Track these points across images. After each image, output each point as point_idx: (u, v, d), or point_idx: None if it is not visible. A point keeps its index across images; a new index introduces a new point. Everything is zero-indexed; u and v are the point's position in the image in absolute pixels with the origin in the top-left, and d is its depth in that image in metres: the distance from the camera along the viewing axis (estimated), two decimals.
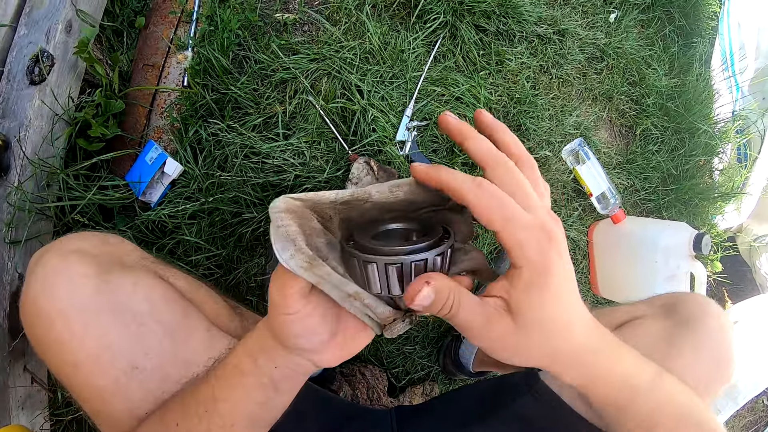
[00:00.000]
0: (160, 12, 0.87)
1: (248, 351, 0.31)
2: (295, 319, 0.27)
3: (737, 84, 1.22)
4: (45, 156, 0.69)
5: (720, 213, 1.17)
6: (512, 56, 0.83)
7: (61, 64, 0.74)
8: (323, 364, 0.31)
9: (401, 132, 0.74)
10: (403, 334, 0.81)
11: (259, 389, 0.31)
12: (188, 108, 0.79)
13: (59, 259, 0.35)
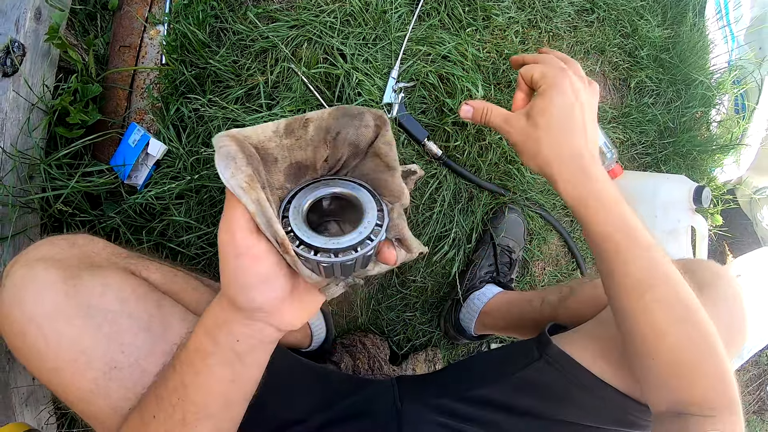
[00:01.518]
0: None
1: (207, 330, 0.31)
2: (247, 263, 0.26)
3: (732, 33, 1.18)
4: (24, 148, 0.68)
5: (719, 165, 1.15)
6: (499, 11, 0.80)
7: (33, 52, 0.71)
8: (285, 325, 0.30)
9: (388, 94, 0.72)
10: (401, 302, 0.81)
11: (226, 367, 0.30)
12: (168, 86, 0.77)
13: (26, 269, 0.36)
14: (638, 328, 0.37)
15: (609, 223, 0.36)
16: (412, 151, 0.77)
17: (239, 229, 0.25)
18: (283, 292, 0.28)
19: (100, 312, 0.36)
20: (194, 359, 0.31)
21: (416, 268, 0.80)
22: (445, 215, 0.78)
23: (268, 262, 0.26)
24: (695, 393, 0.35)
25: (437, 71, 0.75)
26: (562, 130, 0.37)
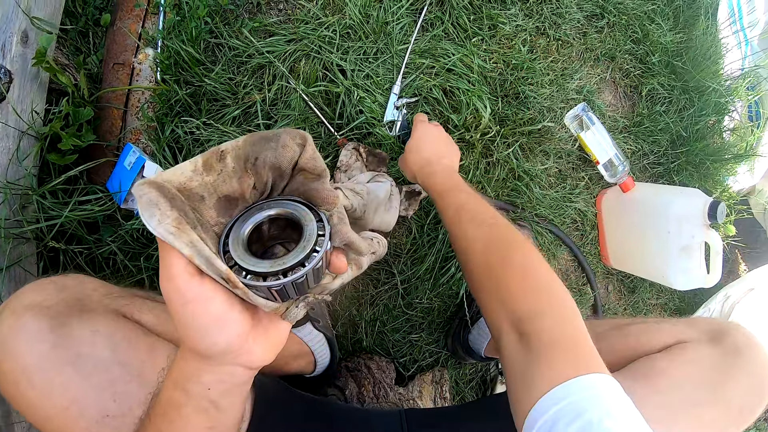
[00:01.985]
0: (125, 6, 0.81)
1: (175, 382, 0.30)
2: (197, 308, 0.25)
3: (746, 39, 1.14)
4: (15, 177, 0.65)
5: (732, 174, 1.11)
6: (506, 19, 0.77)
7: (21, 77, 0.69)
8: (255, 363, 0.29)
9: (389, 111, 0.69)
10: (407, 323, 0.78)
11: (202, 415, 0.30)
12: (162, 106, 0.75)
13: (14, 319, 0.35)
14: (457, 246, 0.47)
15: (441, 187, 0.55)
16: None
17: (179, 276, 0.24)
18: (243, 328, 0.27)
19: (90, 360, 0.36)
20: (167, 411, 0.30)
21: (423, 289, 0.77)
22: None
23: (218, 301, 0.25)
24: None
25: (441, 85, 0.72)
26: (419, 153, 0.61)
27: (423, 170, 0.59)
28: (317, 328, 0.70)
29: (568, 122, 0.84)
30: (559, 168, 0.84)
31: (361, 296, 0.77)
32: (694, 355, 0.46)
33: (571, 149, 0.85)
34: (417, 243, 0.75)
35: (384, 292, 0.77)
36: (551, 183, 0.83)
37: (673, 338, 0.48)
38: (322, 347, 0.70)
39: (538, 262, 0.40)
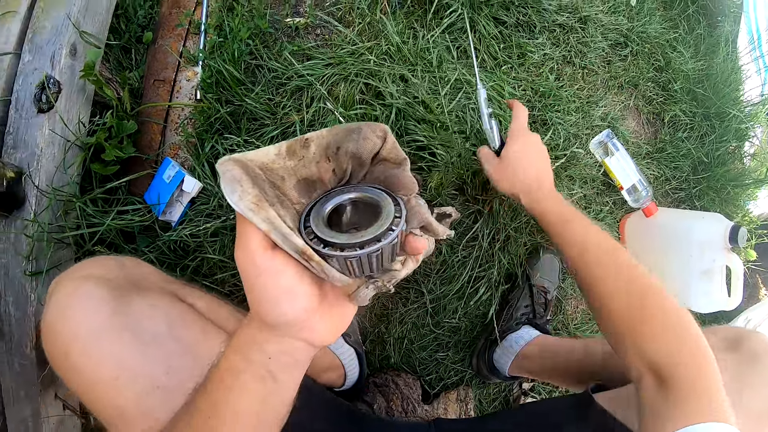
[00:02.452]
0: (167, 25, 0.85)
1: (237, 349, 0.30)
2: (269, 280, 0.26)
3: (765, 65, 1.16)
4: (60, 184, 0.68)
5: (753, 199, 1.12)
6: (534, 48, 0.79)
7: (69, 88, 0.72)
8: (317, 339, 0.29)
9: (486, 121, 0.61)
10: (434, 341, 0.79)
11: (258, 384, 0.30)
12: (203, 123, 0.77)
13: (74, 285, 0.36)
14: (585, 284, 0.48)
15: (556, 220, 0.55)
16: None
17: (254, 249, 0.25)
18: (311, 302, 0.28)
19: (148, 333, 0.36)
20: (225, 377, 0.30)
21: (451, 308, 0.78)
22: (484, 255, 0.77)
23: (289, 274, 0.26)
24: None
25: (478, 109, 0.74)
26: (526, 169, 0.58)
27: (531, 194, 0.56)
28: (348, 342, 0.71)
29: (593, 148, 0.86)
30: (584, 193, 0.86)
31: (390, 314, 0.78)
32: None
33: (596, 175, 0.87)
34: (447, 263, 0.77)
35: (413, 311, 0.78)
36: (577, 207, 0.85)
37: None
38: (352, 361, 0.71)
39: (677, 308, 0.41)
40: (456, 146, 0.71)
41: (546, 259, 0.80)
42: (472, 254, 0.76)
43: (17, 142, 0.68)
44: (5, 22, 0.74)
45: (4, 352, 0.65)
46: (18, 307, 0.65)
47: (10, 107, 0.69)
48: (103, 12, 0.78)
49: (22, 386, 0.65)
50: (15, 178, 0.65)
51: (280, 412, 0.32)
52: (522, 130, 0.59)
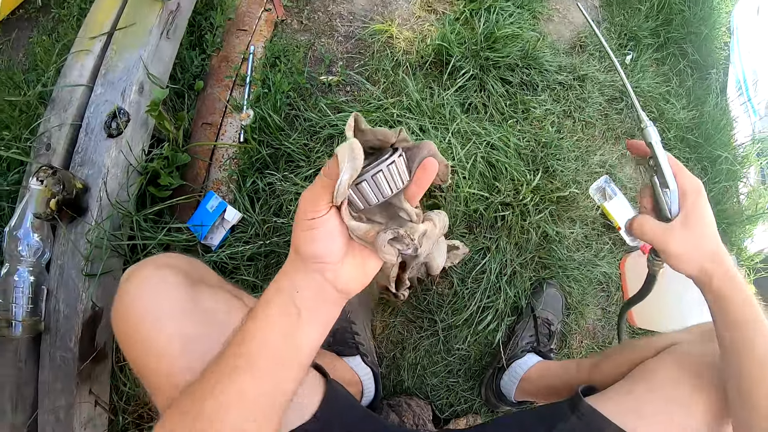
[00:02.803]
0: (216, 76, 0.98)
1: (273, 282, 0.34)
2: (319, 221, 0.30)
3: (754, 108, 1.26)
4: (120, 200, 0.78)
5: (749, 236, 1.18)
6: (537, 104, 0.90)
7: (135, 120, 0.83)
8: (341, 283, 0.33)
9: (669, 176, 0.47)
10: (445, 368, 0.85)
11: (283, 317, 0.32)
12: (246, 161, 0.88)
13: (155, 269, 0.41)
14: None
15: (746, 315, 0.42)
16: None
17: (322, 197, 0.30)
18: (341, 247, 0.32)
19: (214, 318, 0.40)
20: (257, 309, 0.33)
21: (461, 336, 0.85)
22: (491, 287, 0.84)
23: (335, 223, 0.31)
24: None
25: (486, 157, 0.84)
26: (713, 235, 0.42)
27: (723, 267, 0.42)
28: (366, 362, 0.77)
29: (592, 193, 0.94)
30: (585, 234, 0.93)
31: (405, 340, 0.85)
32: (684, 352, 0.49)
33: (595, 216, 0.95)
34: (458, 295, 0.84)
35: (426, 338, 0.85)
36: (578, 247, 0.92)
37: (667, 342, 0.52)
38: (369, 380, 0.77)
39: None
40: (463, 188, 0.80)
41: (549, 293, 0.86)
42: (480, 286, 0.83)
43: (85, 160, 0.79)
44: (80, 59, 0.87)
45: (48, 345, 0.72)
46: (68, 305, 0.73)
47: (81, 131, 0.81)
48: (166, 59, 0.92)
49: (60, 379, 0.71)
50: (83, 189, 0.75)
51: (300, 354, 0.34)
52: (702, 192, 0.42)
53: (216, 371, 0.33)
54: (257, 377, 0.32)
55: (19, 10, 1.13)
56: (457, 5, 0.95)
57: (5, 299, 0.70)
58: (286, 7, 0.97)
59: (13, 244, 0.72)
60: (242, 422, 0.32)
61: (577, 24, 1.07)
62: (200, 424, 0.31)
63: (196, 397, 0.33)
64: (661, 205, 0.43)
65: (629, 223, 0.46)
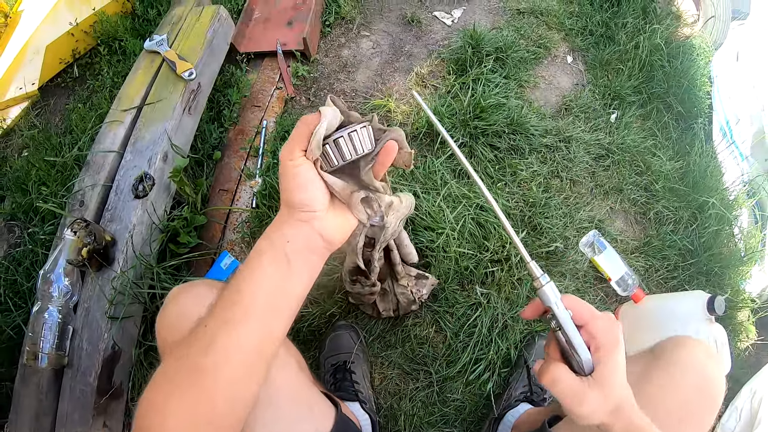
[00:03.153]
0: (232, 147, 1.10)
1: (265, 235, 0.37)
2: (302, 170, 0.34)
3: (739, 150, 1.29)
4: (143, 254, 0.88)
5: (746, 277, 1.18)
6: (524, 167, 0.97)
7: (159, 184, 0.95)
8: (326, 232, 0.36)
9: (573, 335, 0.41)
10: (441, 419, 0.89)
11: (275, 266, 0.35)
12: (257, 224, 0.97)
13: (207, 288, 0.45)
14: None
15: None
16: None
17: (298, 151, 0.35)
18: (324, 196, 0.36)
19: None
20: (252, 258, 0.36)
21: (455, 387, 0.89)
22: (483, 340, 0.89)
23: (313, 172, 0.36)
24: None
25: (476, 219, 0.91)
26: (620, 388, 0.37)
27: (616, 422, 0.38)
28: (365, 409, 0.82)
29: (582, 248, 0.99)
30: (576, 286, 0.98)
31: (401, 391, 0.90)
32: (627, 371, 0.45)
33: (586, 269, 1.00)
34: (451, 347, 0.89)
35: (421, 389, 0.90)
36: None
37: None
38: (367, 426, 0.82)
39: None
40: (452, 247, 0.87)
41: (541, 345, 0.91)
42: (473, 339, 0.88)
43: (114, 217, 0.91)
44: (113, 128, 1.01)
45: (69, 379, 0.80)
46: (90, 343, 0.82)
47: (111, 191, 0.93)
48: (188, 132, 1.05)
49: (77, 410, 0.79)
50: (111, 242, 0.86)
51: (290, 303, 0.36)
52: (613, 336, 0.37)
53: (212, 323, 0.34)
54: (252, 326, 0.34)
55: (57, 78, 1.30)
56: (448, 80, 1.05)
57: (34, 334, 0.79)
58: (296, 86, 1.09)
59: (46, 286, 0.82)
60: (238, 372, 0.34)
61: (563, 89, 1.16)
62: (197, 378, 0.33)
63: (193, 349, 0.34)
64: (572, 362, 0.38)
65: (537, 369, 0.39)
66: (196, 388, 0.33)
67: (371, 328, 0.90)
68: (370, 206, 0.40)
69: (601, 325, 0.37)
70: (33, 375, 0.82)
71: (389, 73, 1.08)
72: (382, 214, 0.41)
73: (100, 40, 1.27)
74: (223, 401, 0.33)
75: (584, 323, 0.37)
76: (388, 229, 0.53)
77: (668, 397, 0.44)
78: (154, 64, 1.07)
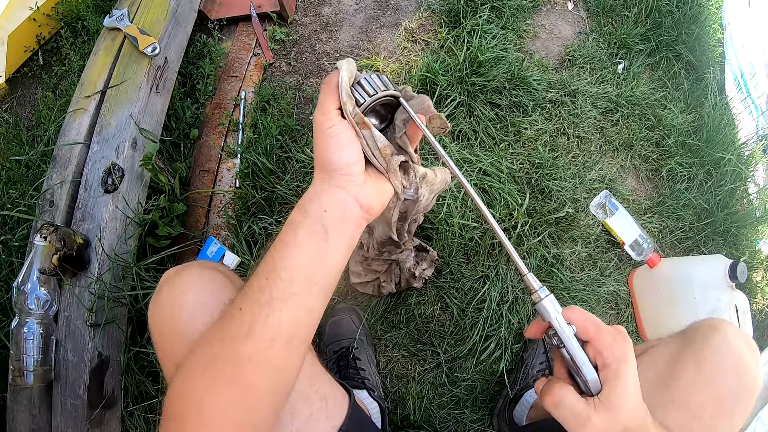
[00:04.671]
0: (210, 124, 1.00)
1: (300, 205, 0.35)
2: (337, 132, 0.33)
3: (755, 103, 1.21)
4: (120, 252, 0.81)
5: (762, 237, 1.13)
6: (528, 125, 0.89)
7: (130, 175, 0.86)
8: (362, 197, 0.34)
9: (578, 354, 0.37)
10: (451, 400, 0.84)
11: (312, 238, 0.33)
12: (241, 206, 0.89)
13: (202, 269, 0.41)
14: None
15: None
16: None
17: (332, 111, 0.34)
18: (361, 159, 0.34)
19: None
20: (286, 232, 0.34)
21: (466, 367, 0.84)
22: (493, 316, 0.83)
23: (351, 134, 0.34)
24: None
25: (478, 184, 0.83)
26: (634, 407, 0.33)
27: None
28: (373, 396, 0.77)
29: (593, 210, 0.92)
30: (588, 252, 0.91)
31: (409, 374, 0.84)
32: (657, 352, 0.45)
33: (598, 233, 0.93)
34: (459, 325, 0.83)
35: (430, 371, 0.84)
36: (582, 266, 0.90)
37: (644, 347, 0.49)
38: (376, 414, 0.77)
39: None
40: (455, 218, 0.79)
41: None
42: (482, 315, 0.82)
43: (85, 215, 0.82)
44: (77, 117, 0.91)
45: (59, 393, 0.75)
46: (75, 354, 0.75)
47: (80, 187, 0.84)
48: (158, 113, 0.95)
49: (70, 425, 0.74)
50: (83, 244, 0.78)
51: (329, 278, 0.34)
52: (621, 351, 0.33)
53: (248, 306, 0.31)
54: (292, 307, 0.31)
55: (23, 68, 1.19)
56: (440, 33, 0.96)
57: (17, 350, 0.73)
58: (274, 51, 0.99)
59: (22, 298, 0.75)
60: (281, 357, 0.31)
61: (565, 38, 1.06)
62: (239, 368, 0.30)
63: (227, 339, 0.31)
64: (578, 381, 0.35)
65: (540, 388, 0.36)
66: (242, 377, 0.30)
67: (373, 309, 0.84)
68: (407, 174, 0.37)
69: (609, 340, 0.33)
70: (22, 391, 0.76)
71: (375, 29, 0.98)
72: (417, 186, 0.39)
73: (63, 22, 1.15)
74: (269, 388, 0.32)
75: (590, 338, 0.33)
76: (420, 203, 0.48)
77: (702, 389, 0.41)
78: (115, 42, 0.96)
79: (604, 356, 0.33)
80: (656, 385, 0.42)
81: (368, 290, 0.82)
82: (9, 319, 0.82)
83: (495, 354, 0.83)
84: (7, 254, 0.91)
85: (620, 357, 0.32)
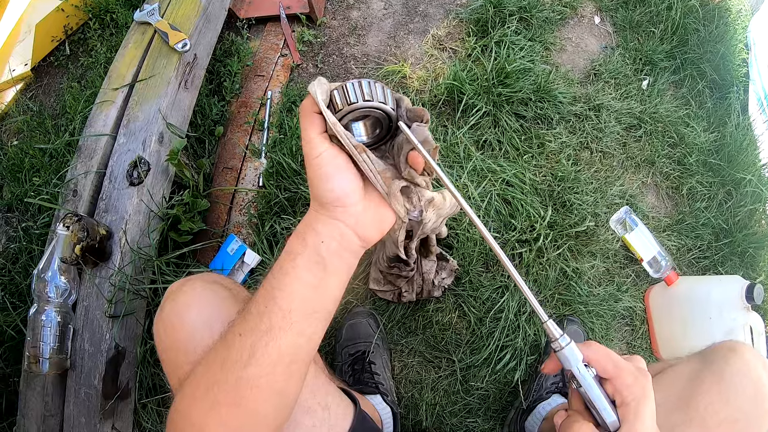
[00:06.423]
0: (235, 122, 1.01)
1: (297, 233, 0.34)
2: (325, 158, 0.31)
3: None
4: (142, 245, 0.81)
5: None
6: (552, 137, 0.89)
7: (156, 168, 0.87)
8: (360, 228, 0.34)
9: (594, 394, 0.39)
10: (464, 408, 0.84)
11: (311, 269, 0.33)
12: (264, 206, 0.90)
13: (205, 284, 0.42)
14: None
15: None
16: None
17: (315, 137, 0.32)
18: (357, 185, 0.33)
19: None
20: (284, 261, 0.33)
21: (480, 376, 0.84)
22: (510, 326, 0.83)
23: (342, 159, 0.32)
24: None
25: (501, 195, 0.84)
26: None
27: None
28: (386, 401, 0.78)
29: (612, 225, 0.93)
30: (606, 267, 0.91)
31: (423, 380, 0.85)
32: (675, 372, 0.46)
33: (617, 248, 0.93)
34: (476, 334, 0.83)
35: (444, 378, 0.84)
36: (600, 281, 0.90)
37: (662, 366, 0.49)
38: (388, 419, 0.78)
39: None
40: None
41: (571, 331, 0.85)
42: (499, 325, 0.82)
43: (109, 207, 0.83)
44: (104, 109, 0.92)
45: (73, 381, 0.76)
46: (92, 344, 0.77)
47: (105, 179, 0.85)
48: (185, 108, 0.96)
49: (83, 413, 0.75)
50: (106, 235, 0.79)
51: (327, 306, 0.34)
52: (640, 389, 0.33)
53: (248, 332, 0.32)
54: (292, 334, 0.32)
55: (49, 57, 1.21)
56: (468, 42, 0.96)
57: (34, 337, 0.74)
58: (302, 52, 1.00)
59: (41, 286, 0.76)
60: (281, 381, 0.32)
61: (591, 52, 1.07)
62: (240, 392, 0.31)
63: (228, 364, 0.31)
64: (597, 419, 0.35)
65: (560, 424, 0.36)
66: (244, 400, 0.31)
67: (390, 314, 0.84)
68: (409, 199, 0.35)
69: (628, 379, 0.33)
70: (37, 378, 0.77)
71: (403, 35, 0.99)
72: (422, 209, 0.37)
73: (91, 13, 1.17)
74: (271, 411, 0.32)
75: (610, 377, 0.34)
76: (426, 225, 0.47)
77: (721, 409, 0.41)
78: (145, 36, 0.98)
79: (623, 395, 0.33)
80: (675, 404, 0.43)
81: (387, 296, 0.83)
82: (27, 306, 0.84)
83: (510, 365, 0.83)
84: (28, 241, 0.92)
85: (639, 395, 0.33)
